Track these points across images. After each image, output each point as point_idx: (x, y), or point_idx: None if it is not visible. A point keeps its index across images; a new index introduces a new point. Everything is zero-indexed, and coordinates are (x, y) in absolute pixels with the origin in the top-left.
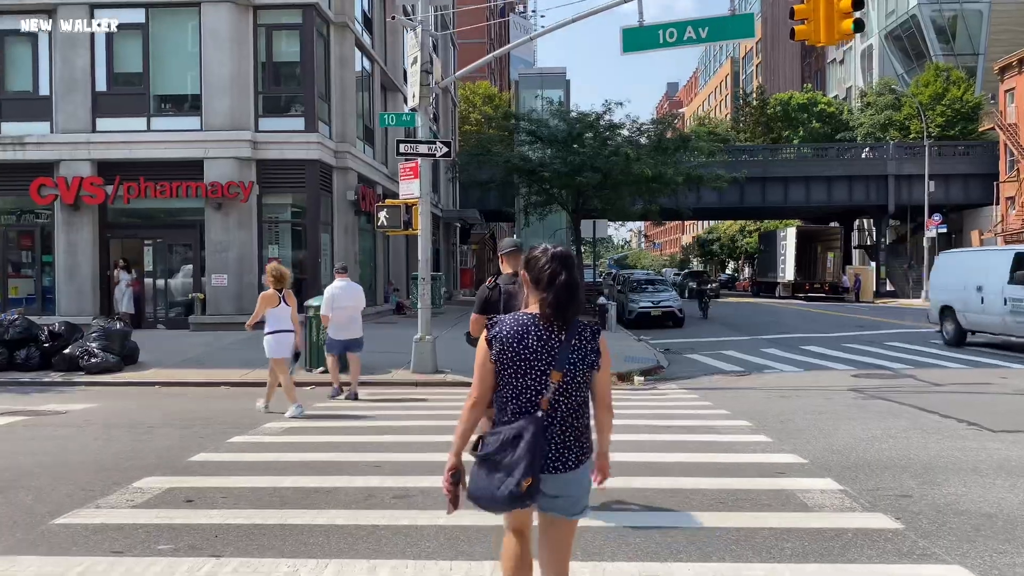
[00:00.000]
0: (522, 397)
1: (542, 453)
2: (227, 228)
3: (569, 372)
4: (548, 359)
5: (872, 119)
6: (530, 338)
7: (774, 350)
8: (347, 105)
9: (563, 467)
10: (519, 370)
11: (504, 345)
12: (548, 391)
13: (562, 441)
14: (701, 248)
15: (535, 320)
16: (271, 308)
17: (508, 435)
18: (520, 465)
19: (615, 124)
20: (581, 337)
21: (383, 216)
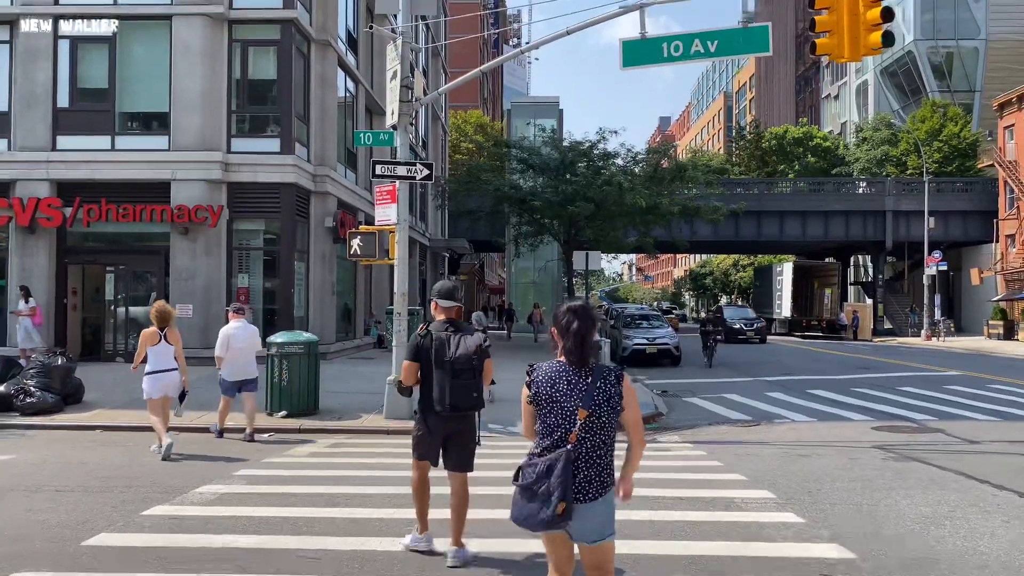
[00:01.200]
0: (555, 433)
1: (572, 481)
2: (194, 254)
3: (594, 412)
4: (577, 399)
5: (868, 154)
6: (561, 382)
7: (780, 394)
8: (327, 127)
9: (584, 498)
10: (552, 409)
11: (540, 388)
12: (575, 427)
13: (586, 475)
14: (694, 282)
15: (565, 367)
16: (151, 346)
17: (543, 467)
18: (555, 493)
19: (609, 153)
20: (606, 381)
21: (356, 244)
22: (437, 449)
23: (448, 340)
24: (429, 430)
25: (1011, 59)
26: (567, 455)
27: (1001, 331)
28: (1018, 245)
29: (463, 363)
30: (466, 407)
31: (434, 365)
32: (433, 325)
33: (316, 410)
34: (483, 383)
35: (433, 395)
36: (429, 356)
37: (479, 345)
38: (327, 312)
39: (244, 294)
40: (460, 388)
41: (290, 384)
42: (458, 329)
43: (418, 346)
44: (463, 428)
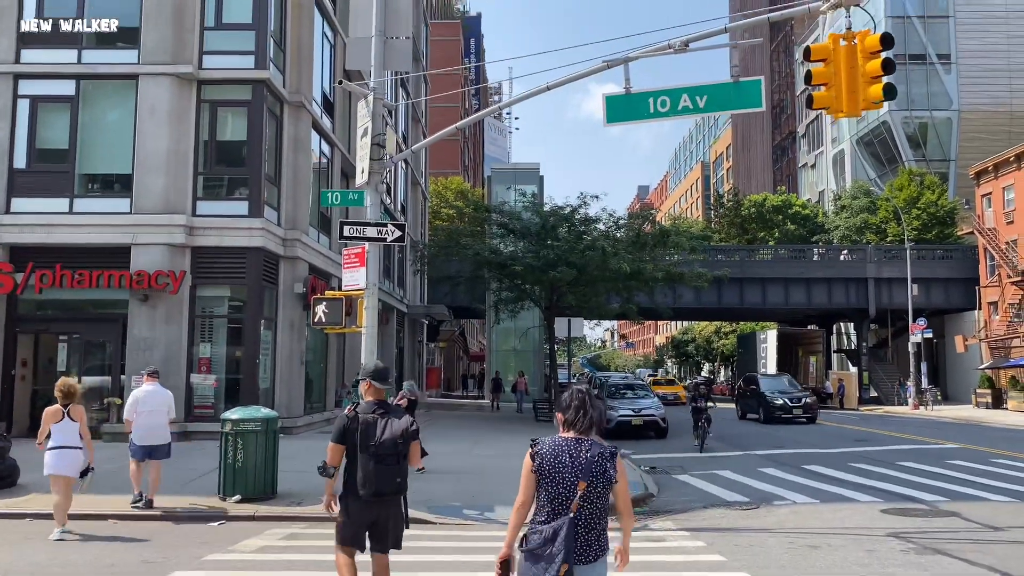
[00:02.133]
0: (556, 501)
1: (574, 546)
2: (153, 323)
3: (592, 483)
4: (577, 472)
5: (848, 222)
6: (564, 456)
7: (774, 470)
8: (300, 190)
9: (585, 560)
10: (554, 480)
11: (544, 460)
12: (576, 497)
13: (586, 539)
14: (676, 349)
15: (568, 442)
16: (54, 423)
17: (548, 533)
18: (559, 556)
19: (591, 218)
20: (602, 456)
21: (321, 311)
22: (363, 533)
23: (375, 423)
24: (352, 514)
25: (983, 129)
26: (571, 522)
27: (989, 400)
28: (1001, 312)
29: (388, 447)
30: (389, 492)
31: (359, 449)
32: (361, 407)
33: (274, 494)
34: (410, 465)
35: (357, 479)
36: (355, 439)
37: (405, 429)
38: (295, 383)
39: (206, 364)
40: (384, 473)
41: (245, 465)
42: (386, 411)
43: (344, 428)
44: (388, 512)
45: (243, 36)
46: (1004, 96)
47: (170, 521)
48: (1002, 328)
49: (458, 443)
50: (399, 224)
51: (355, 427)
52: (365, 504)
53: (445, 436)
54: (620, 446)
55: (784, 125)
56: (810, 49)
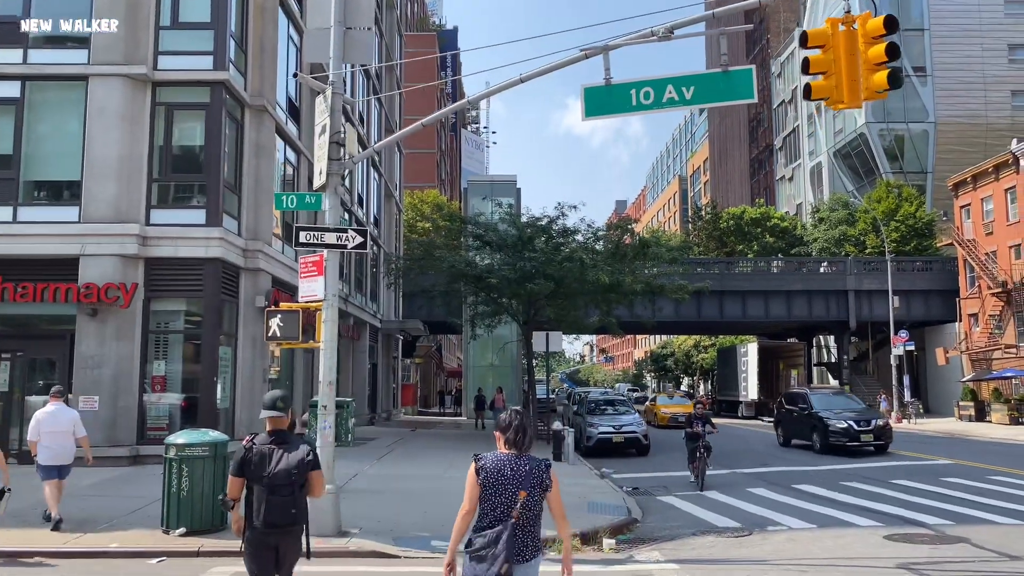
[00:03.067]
0: (498, 509)
1: (514, 547)
2: (103, 339)
3: (531, 492)
4: (517, 483)
5: (827, 234)
6: (505, 469)
7: (764, 490)
8: (262, 198)
9: (523, 559)
10: (497, 490)
11: (488, 473)
12: (517, 504)
13: (523, 541)
14: (655, 363)
15: (509, 457)
16: None
17: (491, 536)
18: (500, 556)
19: (569, 229)
20: (539, 468)
21: (275, 324)
22: (270, 565)
23: (270, 454)
24: (253, 547)
25: (960, 141)
26: (511, 527)
27: (972, 412)
28: (981, 324)
29: (282, 478)
30: (284, 524)
31: (252, 480)
32: (259, 438)
33: (223, 526)
34: (311, 496)
35: (253, 510)
36: (250, 471)
37: (302, 459)
38: (257, 403)
39: (160, 383)
40: (278, 504)
41: (191, 495)
42: (283, 441)
43: (243, 460)
44: (288, 542)
45: (201, 35)
46: (979, 108)
47: (104, 558)
48: (983, 340)
49: (431, 465)
50: (360, 230)
51: (250, 458)
52: (262, 535)
53: (417, 457)
54: (601, 464)
55: (761, 138)
56: (807, 35)
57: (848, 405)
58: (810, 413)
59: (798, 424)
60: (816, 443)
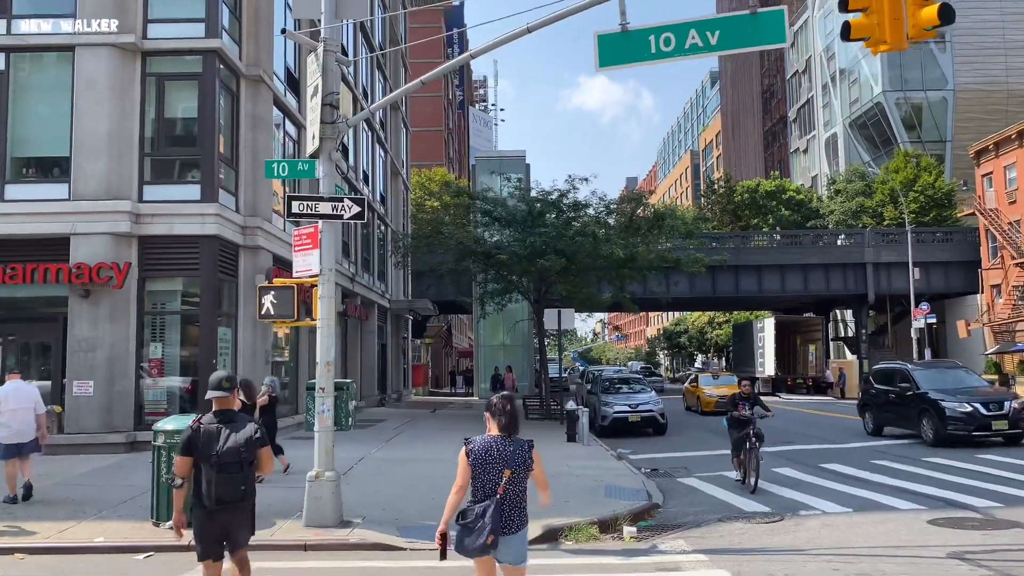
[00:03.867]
0: (487, 486)
1: (499, 520)
2: (96, 321)
3: (515, 471)
4: (503, 462)
5: (843, 206)
6: (493, 450)
7: (790, 470)
8: (261, 173)
9: (509, 531)
10: (485, 469)
11: (476, 455)
12: (503, 482)
13: (509, 514)
14: (668, 341)
15: (496, 439)
16: None
17: (479, 510)
18: (487, 528)
19: (580, 203)
20: (523, 449)
21: (268, 302)
22: (220, 544)
23: (217, 433)
24: (202, 527)
25: (979, 108)
26: (497, 502)
27: (996, 386)
28: (1005, 295)
29: (230, 456)
30: (232, 500)
31: (200, 459)
32: (205, 417)
33: None
34: (260, 473)
35: (202, 489)
36: (198, 450)
37: (249, 438)
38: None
39: (157, 366)
40: (226, 482)
41: None
42: (229, 421)
43: (189, 440)
44: (239, 519)
45: (192, 2)
46: (1000, 74)
47: (89, 553)
48: (1006, 311)
49: (440, 447)
50: (357, 198)
51: (197, 439)
52: (211, 514)
53: (426, 439)
54: (616, 445)
55: (774, 110)
56: None
57: (965, 382)
58: (916, 394)
59: (897, 408)
60: (927, 433)
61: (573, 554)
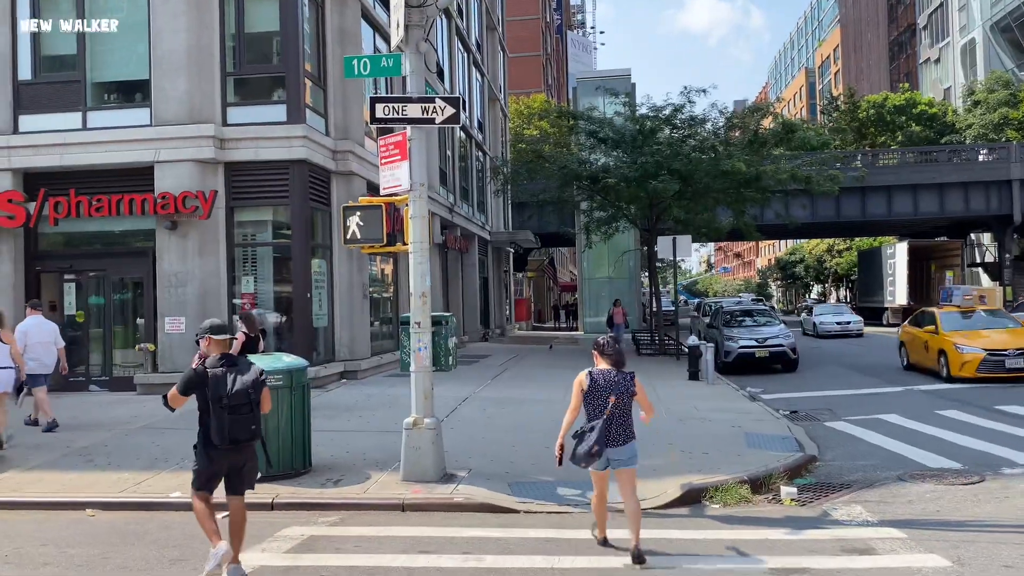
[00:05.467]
0: (597, 409)
1: (606, 436)
2: (184, 255)
3: (620, 396)
4: (608, 390)
5: (983, 119)
6: (601, 380)
7: (956, 412)
8: (351, 92)
9: (616, 443)
10: (597, 395)
11: (594, 382)
12: (608, 406)
13: (616, 432)
14: (783, 271)
15: (607, 371)
16: None
17: (589, 428)
18: (593, 439)
19: (697, 118)
20: (626, 379)
21: (355, 224)
22: (218, 480)
23: (224, 376)
24: (211, 462)
25: None
26: (604, 422)
27: None
28: None
29: (241, 398)
30: (245, 439)
31: (211, 401)
32: (208, 361)
33: (307, 468)
34: (262, 412)
35: (212, 430)
36: (205, 392)
37: (256, 379)
38: (358, 321)
39: (250, 302)
40: (239, 422)
41: (266, 433)
42: (233, 364)
43: (190, 380)
44: (245, 458)
45: None
46: None
47: (161, 510)
48: None
49: (550, 387)
50: (451, 98)
51: (204, 381)
52: (222, 453)
53: (535, 378)
54: (742, 384)
55: (901, 18)
56: None
57: None
58: None
59: None
60: None
61: (723, 523)
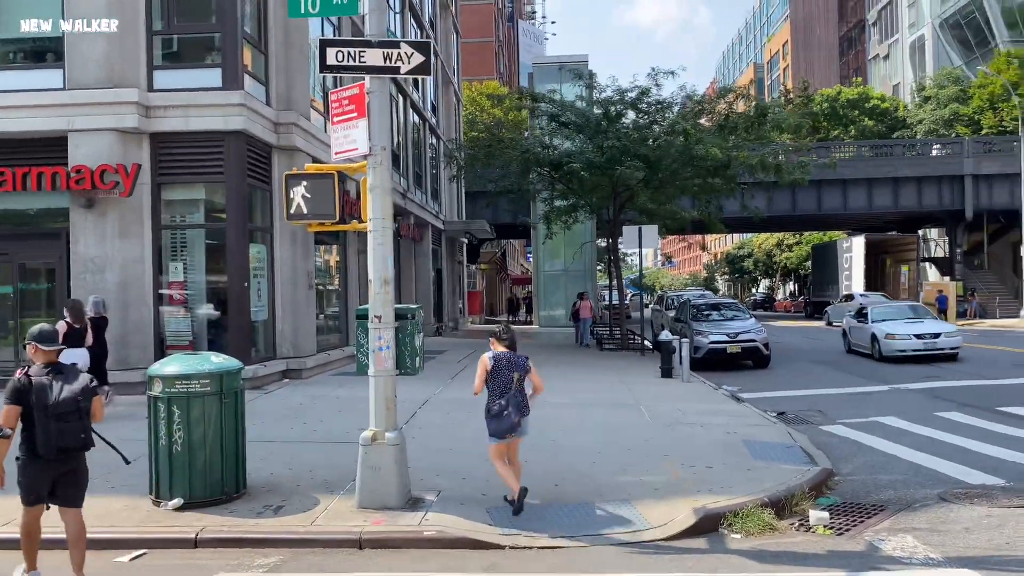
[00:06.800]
0: (504, 385)
1: (519, 408)
2: (103, 237)
3: (519, 375)
4: (511, 369)
5: (934, 114)
6: (503, 360)
7: (959, 415)
8: (295, 58)
9: (525, 414)
10: (501, 374)
11: (498, 363)
12: (514, 383)
13: (517, 405)
14: (731, 265)
15: (506, 353)
16: None
17: (503, 402)
18: (513, 413)
19: (664, 102)
20: (522, 360)
21: (299, 196)
22: (46, 492)
23: (50, 385)
24: (36, 475)
25: None
26: (512, 397)
27: None
28: None
29: (69, 405)
30: (75, 448)
31: (35, 410)
32: (32, 369)
33: (240, 491)
34: (93, 421)
35: (38, 440)
36: (30, 401)
37: (85, 386)
38: (302, 313)
39: (179, 289)
40: (67, 431)
41: (190, 450)
42: (59, 372)
43: (19, 390)
44: (74, 468)
45: None
46: None
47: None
48: None
49: None
50: (419, 42)
51: (27, 388)
52: (47, 464)
53: None
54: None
55: (851, 13)
56: None
57: None
58: None
59: None
60: None
61: (755, 561)
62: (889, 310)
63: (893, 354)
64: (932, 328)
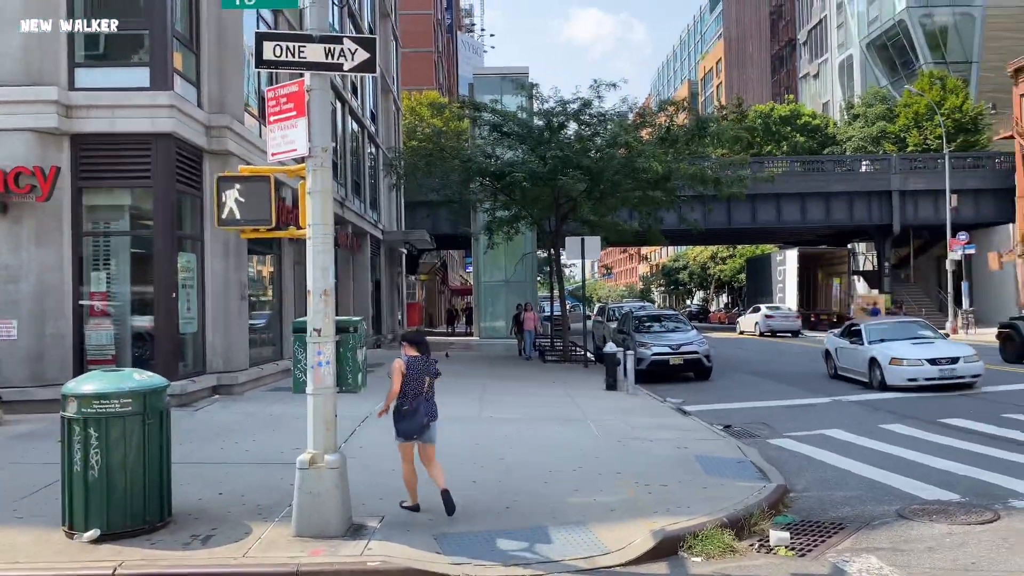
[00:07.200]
0: (417, 389)
1: (429, 411)
2: (18, 244)
3: (431, 378)
4: (425, 373)
5: (863, 132)
6: (418, 365)
7: (903, 427)
8: (228, 58)
9: (435, 418)
10: (416, 378)
11: (411, 368)
12: (426, 386)
13: (427, 409)
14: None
15: (419, 358)
16: None
17: (416, 405)
18: (424, 415)
19: (606, 114)
20: (434, 364)
21: (232, 200)
22: None
23: None
24: None
25: (1011, 27)
26: (425, 399)
27: None
28: None
29: None
30: None
31: None
32: None
33: (165, 519)
34: None
35: None
36: None
37: None
38: (234, 325)
39: (101, 300)
40: None
41: (108, 475)
42: None
43: None
44: None
45: None
46: None
47: None
48: None
49: (463, 402)
50: (364, 39)
51: None
52: None
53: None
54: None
55: (782, 33)
56: None
57: None
58: None
59: None
60: None
61: None
62: (886, 328)
63: (901, 383)
64: (947, 351)
